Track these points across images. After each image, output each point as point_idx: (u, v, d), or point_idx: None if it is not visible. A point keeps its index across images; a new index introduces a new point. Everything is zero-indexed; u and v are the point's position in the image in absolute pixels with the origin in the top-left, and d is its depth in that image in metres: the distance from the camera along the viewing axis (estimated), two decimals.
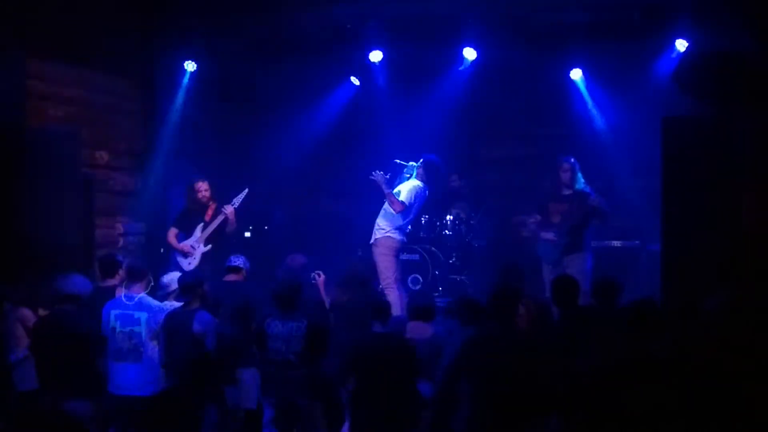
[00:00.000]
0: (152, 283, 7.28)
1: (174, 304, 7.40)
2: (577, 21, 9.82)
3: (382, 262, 9.42)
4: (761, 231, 7.85)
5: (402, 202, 9.33)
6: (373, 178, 9.34)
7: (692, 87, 9.19)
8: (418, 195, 9.47)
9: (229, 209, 9.56)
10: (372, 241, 9.51)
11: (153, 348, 6.94)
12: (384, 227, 9.44)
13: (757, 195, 7.96)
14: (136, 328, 6.92)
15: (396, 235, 9.45)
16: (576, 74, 11.06)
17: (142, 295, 7.07)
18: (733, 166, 7.81)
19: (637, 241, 10.65)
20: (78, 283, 6.76)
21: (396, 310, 9.19)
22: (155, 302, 7.12)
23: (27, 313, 7.20)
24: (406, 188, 9.47)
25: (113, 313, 6.97)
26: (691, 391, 4.98)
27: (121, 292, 7.21)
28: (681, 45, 9.98)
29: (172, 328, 6.90)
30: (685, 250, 7.70)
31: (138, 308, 6.97)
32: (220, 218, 9.58)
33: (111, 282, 7.59)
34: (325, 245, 11.11)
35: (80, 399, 6.34)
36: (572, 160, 9.41)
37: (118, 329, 6.91)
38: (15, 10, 8.61)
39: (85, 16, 9.44)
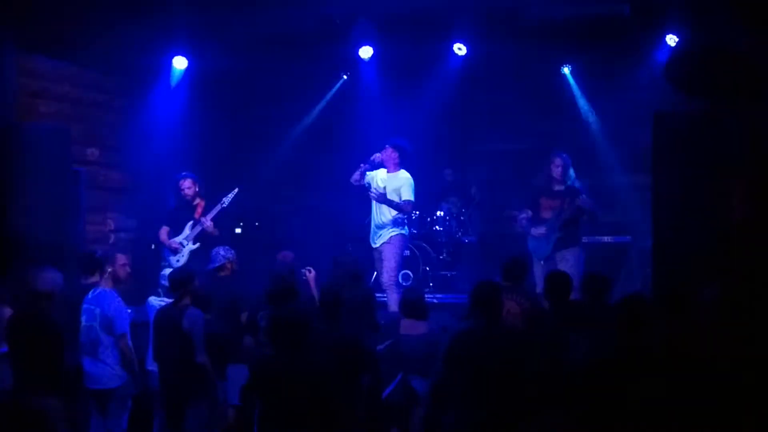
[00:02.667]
0: (106, 274, 7.24)
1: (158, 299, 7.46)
2: (568, 16, 9.83)
3: (393, 261, 9.31)
4: (751, 226, 7.87)
5: (410, 202, 9.33)
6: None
7: (683, 82, 9.19)
8: (414, 186, 9.43)
9: (207, 223, 9.51)
10: (385, 241, 9.32)
11: (109, 341, 6.92)
12: (394, 226, 9.33)
13: (748, 190, 7.98)
14: (94, 323, 6.97)
15: (406, 231, 9.49)
16: (567, 70, 11.08)
17: (101, 289, 7.07)
18: (724, 161, 7.82)
19: (628, 237, 10.65)
20: (51, 280, 6.74)
21: (393, 308, 9.19)
22: (111, 296, 7.09)
23: (8, 311, 7.17)
24: (406, 186, 9.36)
25: (82, 307, 7.01)
26: (684, 385, 4.99)
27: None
28: (672, 40, 10.00)
29: (162, 324, 6.90)
30: (676, 245, 7.71)
31: (95, 302, 7.00)
32: (208, 217, 9.54)
33: (92, 279, 7.56)
34: (316, 241, 11.10)
35: (52, 396, 6.33)
36: (564, 155, 9.41)
37: (83, 323, 6.98)
38: (4, 7, 8.57)
39: (75, 12, 9.41)
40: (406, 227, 9.45)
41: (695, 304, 5.75)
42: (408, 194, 9.33)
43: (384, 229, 9.36)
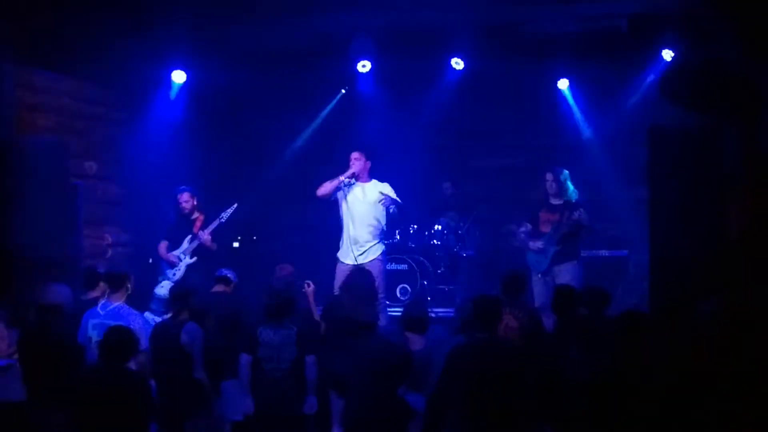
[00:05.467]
0: (129, 291, 7.20)
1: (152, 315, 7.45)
2: (564, 32, 9.87)
3: (383, 278, 8.97)
4: (748, 239, 7.89)
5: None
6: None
7: (678, 97, 9.22)
8: None
9: (205, 237, 9.50)
10: (376, 257, 8.97)
11: None
12: (378, 240, 9.04)
13: (742, 203, 8.00)
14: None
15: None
16: (563, 84, 11.11)
17: (120, 304, 7.01)
18: (719, 174, 7.85)
19: (625, 251, 10.67)
20: (60, 293, 6.72)
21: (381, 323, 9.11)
22: (132, 311, 7.06)
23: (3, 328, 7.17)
24: (392, 192, 9.02)
25: (91, 322, 6.92)
26: (681, 398, 5.00)
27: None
28: (667, 55, 10.05)
29: (160, 339, 6.89)
30: (674, 259, 7.73)
31: (114, 317, 6.88)
32: (206, 231, 9.54)
33: (93, 294, 7.55)
34: (314, 255, 11.08)
35: (59, 410, 6.31)
36: (557, 170, 9.41)
37: (94, 339, 6.79)
38: (3, 20, 8.59)
39: (73, 26, 9.43)
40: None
41: (693, 318, 5.76)
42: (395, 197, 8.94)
43: (369, 243, 8.98)
